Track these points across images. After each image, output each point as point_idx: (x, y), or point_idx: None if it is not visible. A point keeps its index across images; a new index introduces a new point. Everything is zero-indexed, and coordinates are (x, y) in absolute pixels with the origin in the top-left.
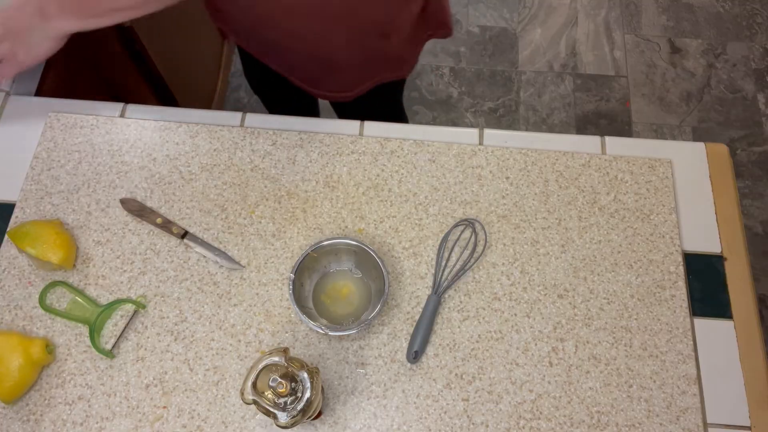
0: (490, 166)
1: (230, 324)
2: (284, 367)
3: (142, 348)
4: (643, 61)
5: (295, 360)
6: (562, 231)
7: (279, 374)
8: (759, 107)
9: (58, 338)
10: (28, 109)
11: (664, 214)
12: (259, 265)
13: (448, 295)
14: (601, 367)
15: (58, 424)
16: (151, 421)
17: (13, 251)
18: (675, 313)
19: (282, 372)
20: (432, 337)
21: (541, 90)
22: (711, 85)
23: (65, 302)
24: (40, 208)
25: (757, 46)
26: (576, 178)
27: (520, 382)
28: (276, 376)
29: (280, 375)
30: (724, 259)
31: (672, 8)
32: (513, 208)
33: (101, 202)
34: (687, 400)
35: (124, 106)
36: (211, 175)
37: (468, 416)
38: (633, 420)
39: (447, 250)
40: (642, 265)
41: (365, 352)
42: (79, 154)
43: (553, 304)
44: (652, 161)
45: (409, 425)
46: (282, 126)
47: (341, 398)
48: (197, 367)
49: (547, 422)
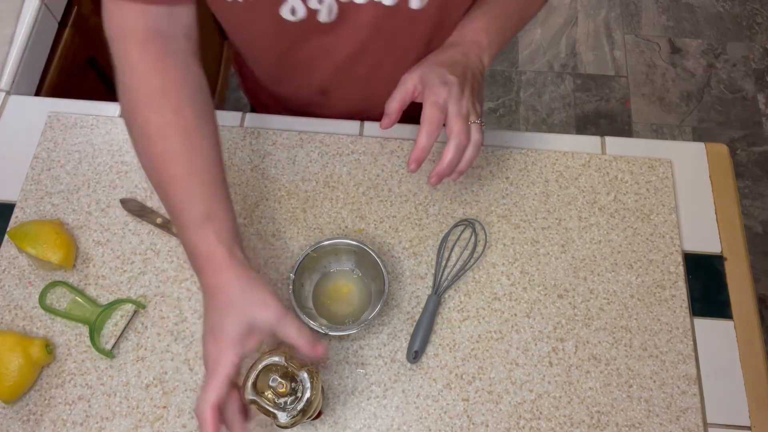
0: (490, 166)
1: None
2: (284, 367)
3: (142, 348)
4: (643, 61)
5: (295, 360)
6: (562, 231)
7: (279, 374)
8: (759, 107)
9: (58, 338)
10: (28, 109)
11: (664, 214)
12: (259, 265)
13: (448, 295)
14: (601, 367)
15: (58, 424)
16: (151, 421)
17: (13, 251)
18: (675, 313)
19: (282, 372)
20: (432, 337)
21: (541, 90)
22: (711, 85)
23: (65, 302)
24: (40, 208)
25: (757, 46)
26: (576, 178)
27: (520, 382)
28: (276, 376)
29: (280, 375)
30: (724, 259)
31: (672, 8)
32: (513, 208)
33: (101, 202)
34: (687, 400)
35: None
36: None
37: (468, 416)
38: (633, 420)
39: (447, 250)
40: (642, 265)
41: (365, 352)
42: (79, 154)
43: (553, 304)
44: (652, 161)
45: (409, 425)
46: (282, 126)
47: (341, 398)
48: (197, 367)
49: (547, 422)
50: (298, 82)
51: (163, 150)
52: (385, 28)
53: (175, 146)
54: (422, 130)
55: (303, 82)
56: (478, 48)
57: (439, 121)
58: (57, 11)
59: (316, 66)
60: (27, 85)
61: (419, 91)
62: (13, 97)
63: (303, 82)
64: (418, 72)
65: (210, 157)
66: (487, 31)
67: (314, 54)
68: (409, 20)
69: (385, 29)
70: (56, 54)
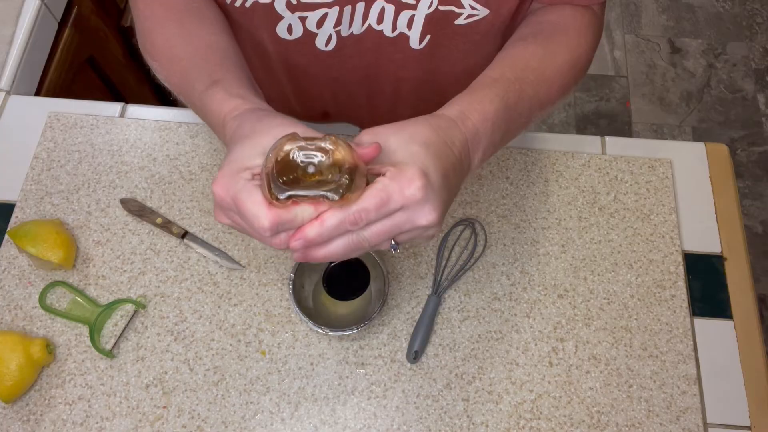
0: (490, 166)
1: (230, 324)
2: (302, 147)
3: (142, 348)
4: (643, 61)
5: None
6: (562, 231)
7: (304, 151)
8: (759, 107)
9: (58, 338)
10: (28, 109)
11: (664, 214)
12: (259, 265)
13: (448, 295)
14: (601, 367)
15: (58, 424)
16: (151, 421)
17: (13, 251)
18: (675, 313)
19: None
20: (432, 337)
21: None
22: (711, 85)
23: (65, 302)
24: (40, 208)
25: (757, 46)
26: (576, 178)
27: (520, 382)
28: (305, 151)
29: (305, 151)
30: (724, 259)
31: (672, 8)
32: (513, 208)
33: (101, 202)
34: (687, 400)
35: (124, 106)
36: (211, 175)
37: (468, 416)
38: (633, 420)
39: (447, 250)
40: (642, 265)
41: (365, 352)
42: (79, 154)
43: (553, 304)
44: (652, 161)
45: (409, 425)
46: None
47: (341, 398)
48: (197, 367)
49: (547, 422)
50: (301, 106)
51: (164, 35)
52: (384, 58)
53: (173, 30)
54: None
55: (306, 105)
56: (475, 142)
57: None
58: (57, 11)
59: (317, 89)
60: (27, 85)
61: (373, 155)
62: (13, 97)
63: (306, 104)
64: (394, 137)
65: (212, 39)
66: (494, 122)
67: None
68: (408, 55)
69: (384, 59)
70: (56, 54)
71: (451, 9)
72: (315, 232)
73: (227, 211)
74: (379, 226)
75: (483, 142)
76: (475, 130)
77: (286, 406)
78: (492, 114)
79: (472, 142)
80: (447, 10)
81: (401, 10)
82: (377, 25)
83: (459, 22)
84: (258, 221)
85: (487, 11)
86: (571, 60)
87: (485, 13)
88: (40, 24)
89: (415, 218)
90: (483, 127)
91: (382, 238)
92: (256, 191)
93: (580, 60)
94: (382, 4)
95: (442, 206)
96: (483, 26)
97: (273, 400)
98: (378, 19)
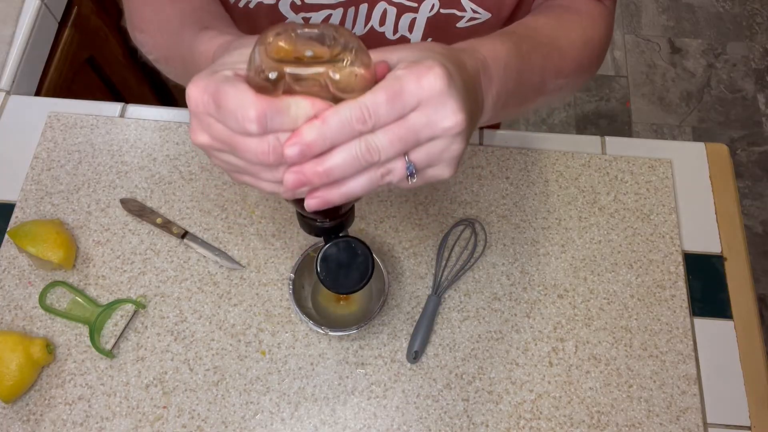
0: (490, 166)
1: (230, 324)
2: (300, 27)
3: (142, 348)
4: (643, 61)
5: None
6: (562, 231)
7: (301, 29)
8: (759, 107)
9: (58, 338)
10: (28, 109)
11: (664, 214)
12: (259, 265)
13: (448, 295)
14: (601, 367)
15: (58, 424)
16: (151, 421)
17: (13, 251)
18: (675, 313)
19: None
20: (432, 337)
21: None
22: (711, 85)
23: (65, 302)
24: (40, 208)
25: (757, 46)
26: (576, 178)
27: (520, 382)
28: (302, 29)
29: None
30: (724, 259)
31: (672, 8)
32: (513, 208)
33: (101, 202)
34: (687, 400)
35: (124, 106)
36: (211, 175)
37: (468, 416)
38: (633, 420)
39: (447, 249)
40: (642, 265)
41: (365, 352)
42: (79, 154)
43: (553, 304)
44: (652, 161)
45: (409, 425)
46: None
47: (341, 398)
48: (197, 367)
49: (547, 422)
50: None
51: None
52: None
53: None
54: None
55: None
56: (486, 77)
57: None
58: (57, 11)
59: None
60: (27, 85)
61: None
62: (13, 97)
63: None
64: (401, 52)
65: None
66: (507, 64)
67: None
68: None
69: None
70: (56, 54)
71: (452, 12)
72: (314, 132)
73: (204, 118)
74: (393, 129)
75: (495, 81)
76: (486, 64)
77: (286, 406)
78: (504, 54)
79: (483, 75)
80: (448, 14)
81: (403, 13)
82: (379, 27)
83: (460, 25)
84: (242, 111)
85: (488, 15)
86: (584, 37)
87: (487, 16)
88: (40, 24)
89: (436, 118)
90: (494, 64)
91: (396, 148)
92: (240, 82)
93: (593, 41)
94: (385, 6)
95: (467, 110)
96: (484, 30)
97: (273, 400)
98: (380, 21)
